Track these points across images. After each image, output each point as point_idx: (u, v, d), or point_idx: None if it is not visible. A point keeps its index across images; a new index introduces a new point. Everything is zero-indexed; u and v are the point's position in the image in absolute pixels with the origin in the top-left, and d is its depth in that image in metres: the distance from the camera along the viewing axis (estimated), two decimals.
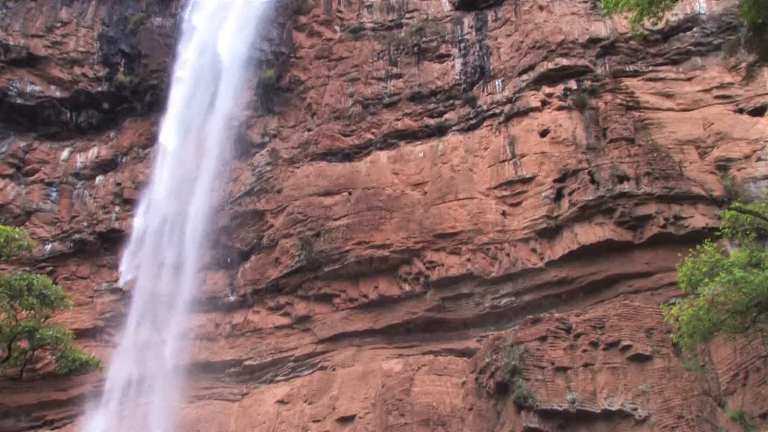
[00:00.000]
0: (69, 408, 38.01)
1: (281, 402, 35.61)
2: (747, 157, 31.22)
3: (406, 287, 35.23)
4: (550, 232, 33.11)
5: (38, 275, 18.75)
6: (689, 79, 34.41)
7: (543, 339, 28.37)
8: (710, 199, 30.84)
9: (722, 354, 25.76)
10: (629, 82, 34.85)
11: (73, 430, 36.67)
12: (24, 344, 19.15)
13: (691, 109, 33.55)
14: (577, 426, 26.27)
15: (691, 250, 22.03)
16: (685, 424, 24.42)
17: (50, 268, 39.53)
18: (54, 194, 42.68)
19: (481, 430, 28.77)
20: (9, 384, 33.00)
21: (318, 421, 34.10)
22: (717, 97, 33.42)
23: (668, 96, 34.18)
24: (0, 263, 18.56)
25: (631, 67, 35.45)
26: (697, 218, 30.64)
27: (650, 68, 35.19)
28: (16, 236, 17.59)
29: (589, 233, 31.94)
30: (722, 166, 31.47)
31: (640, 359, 26.79)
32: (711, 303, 19.63)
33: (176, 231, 39.82)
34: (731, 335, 22.09)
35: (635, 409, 25.70)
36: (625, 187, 31.57)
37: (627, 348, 27.08)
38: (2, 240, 17.27)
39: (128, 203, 41.99)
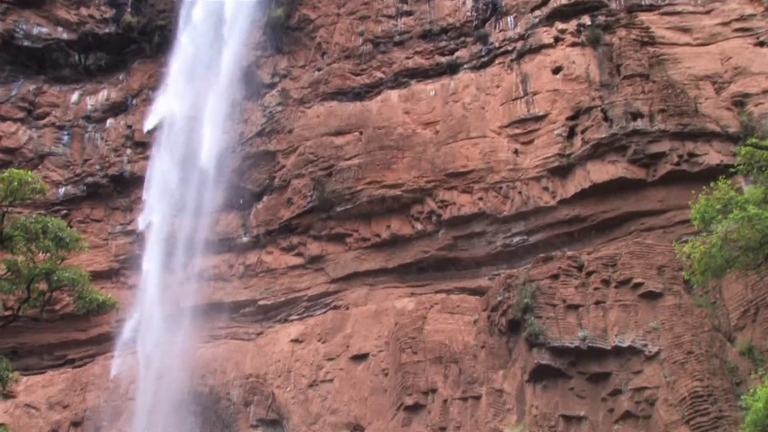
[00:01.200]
0: (89, 347, 38.87)
1: (295, 341, 36.19)
2: (765, 91, 30.67)
3: (418, 226, 35.35)
4: (562, 171, 32.95)
5: (53, 218, 18.89)
6: (708, 12, 33.59)
7: (555, 277, 28.49)
8: (725, 136, 30.50)
9: (733, 290, 25.85)
10: (644, 17, 34.08)
11: (93, 369, 37.52)
12: (42, 286, 19.44)
13: (709, 44, 32.85)
14: (588, 362, 26.60)
15: (704, 187, 21.87)
16: (695, 359, 24.66)
17: (65, 211, 39.80)
18: (66, 138, 42.72)
19: (493, 366, 29.19)
20: (31, 324, 33.73)
21: (332, 359, 34.71)
22: (736, 30, 32.65)
23: (685, 30, 33.43)
24: (15, 207, 18.64)
25: (647, 1, 34.65)
26: (712, 155, 30.37)
27: (667, 2, 34.37)
28: (30, 180, 17.67)
29: (601, 171, 31.77)
30: (739, 102, 30.99)
31: (652, 296, 26.92)
32: (724, 240, 19.58)
33: (188, 173, 39.90)
34: (743, 272, 22.12)
35: (645, 346, 25.95)
36: (639, 124, 31.25)
37: (638, 285, 27.18)
38: (16, 183, 17.35)
39: (140, 146, 42.01)
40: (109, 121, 43.09)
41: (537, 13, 36.06)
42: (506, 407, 27.86)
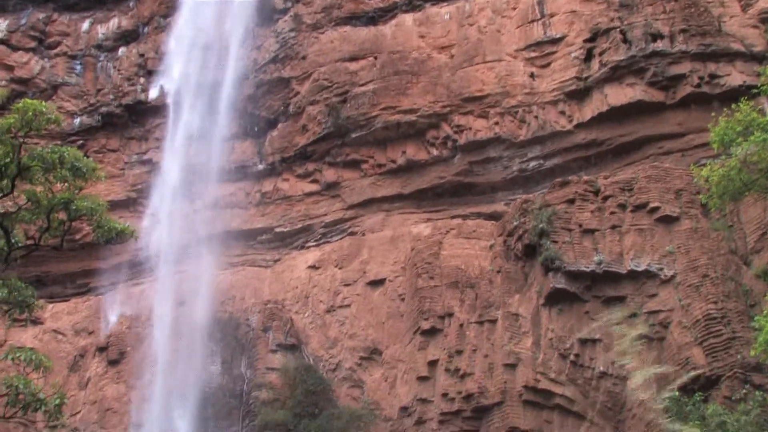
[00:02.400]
0: (110, 276, 39.54)
1: (312, 267, 36.61)
2: None
3: (434, 152, 35.20)
4: (579, 94, 32.47)
5: (69, 148, 18.93)
6: None
7: (571, 201, 28.41)
8: (749, 55, 29.76)
9: (751, 214, 25.69)
10: None
11: (114, 297, 38.29)
12: (62, 215, 19.63)
13: None
14: (603, 286, 26.76)
15: (725, 109, 21.47)
16: (710, 282, 24.74)
17: (80, 142, 39.88)
18: (78, 67, 42.48)
19: (509, 291, 29.45)
20: (53, 253, 34.22)
21: (348, 284, 35.15)
22: None
23: None
24: (31, 138, 18.67)
25: None
26: (734, 76, 29.72)
27: None
28: (44, 110, 17.63)
29: (619, 94, 31.27)
30: (766, 19, 30.12)
31: (668, 220, 26.82)
32: (743, 163, 19.32)
33: (203, 101, 39.72)
34: (761, 195, 21.90)
35: (661, 269, 26.01)
36: (659, 45, 30.54)
37: (655, 209, 27.05)
38: (30, 114, 17.34)
39: (153, 74, 41.72)
40: (121, 50, 42.74)
41: None
42: (522, 331, 28.23)
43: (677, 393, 18.27)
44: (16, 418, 28.27)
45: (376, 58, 36.90)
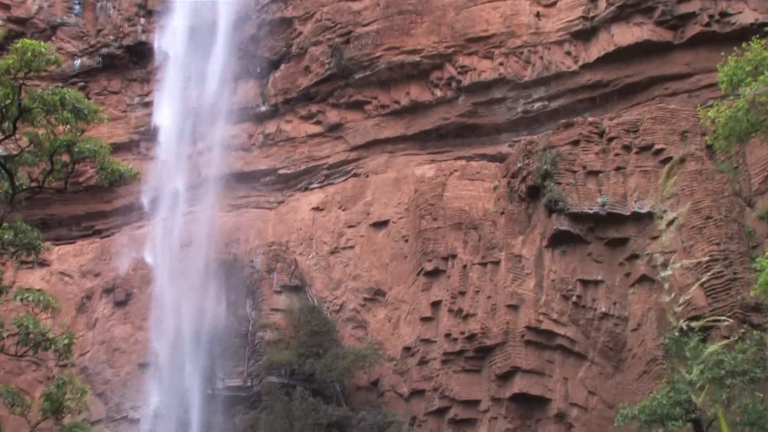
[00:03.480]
0: (114, 218, 39.74)
1: (316, 209, 36.69)
2: None
3: (438, 93, 34.88)
4: (585, 34, 31.95)
5: (70, 90, 18.76)
6: None
7: (575, 143, 28.26)
8: None
9: (757, 155, 25.55)
10: None
11: (120, 239, 38.50)
12: (65, 158, 19.58)
13: None
14: (606, 228, 26.83)
15: (735, 48, 21.10)
16: (713, 224, 24.78)
17: (81, 83, 39.50)
18: (77, 7, 41.79)
19: (513, 232, 29.54)
20: (57, 196, 34.32)
21: (352, 226, 35.28)
22: None
23: None
24: (31, 79, 18.47)
25: None
26: (746, 13, 29.16)
27: None
28: (43, 50, 17.40)
29: (626, 34, 30.77)
30: None
31: None
32: (751, 103, 19.08)
33: (205, 42, 39.19)
34: None
35: (664, 211, 25.98)
36: None
37: (660, 151, 26.91)
38: (29, 54, 17.12)
39: (153, 15, 41.07)
40: None
41: None
42: (525, 272, 28.42)
43: (677, 333, 18.45)
44: (28, 357, 28.79)
45: None
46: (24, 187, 19.10)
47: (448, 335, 29.73)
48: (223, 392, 34.47)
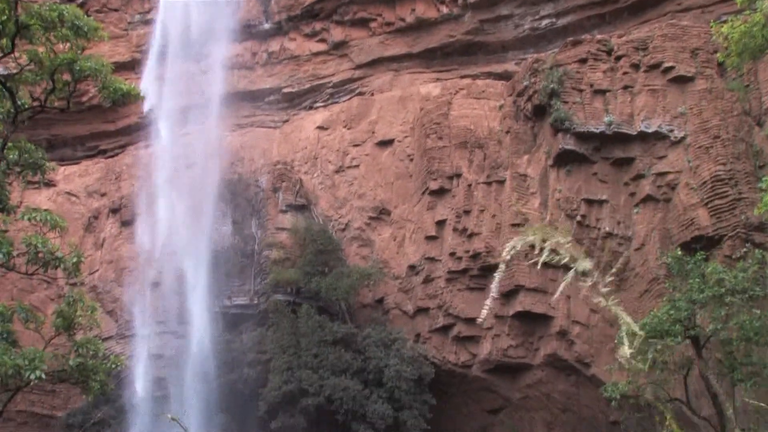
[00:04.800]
0: (119, 138, 39.62)
1: (321, 128, 36.49)
2: None
3: (444, 9, 34.11)
4: None
5: (68, 6, 18.37)
6: None
7: (583, 61, 27.74)
8: None
9: None
10: None
11: (125, 159, 38.48)
12: (66, 76, 19.34)
13: None
14: (612, 147, 26.64)
15: None
16: (720, 143, 24.57)
17: (80, 0, 38.64)
18: None
19: (518, 152, 29.40)
20: (60, 116, 34.16)
21: (357, 145, 35.14)
22: None
23: None
24: None
25: None
26: None
27: None
28: None
29: None
30: None
31: (682, 81, 26.25)
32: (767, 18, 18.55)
33: None
34: None
35: (671, 131, 25.78)
36: None
37: (669, 69, 26.42)
38: None
39: None
40: None
41: None
42: (530, 191, 28.42)
43: (680, 252, 18.58)
44: (39, 276, 29.22)
45: None
46: (26, 106, 18.94)
47: (452, 254, 30.00)
48: (230, 310, 35.11)
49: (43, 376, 17.89)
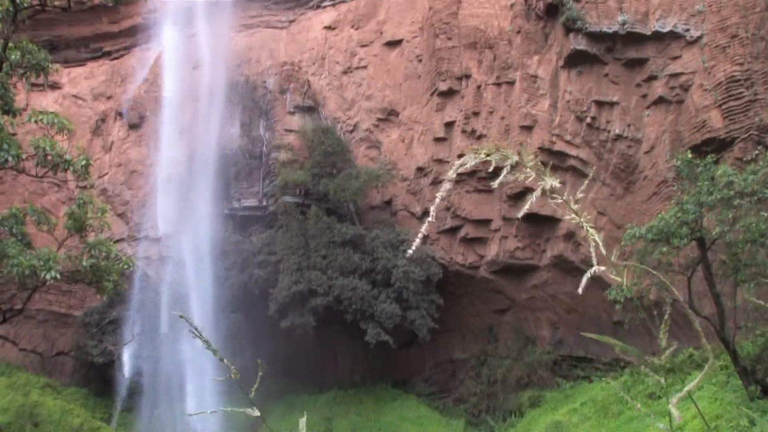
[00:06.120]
0: (123, 39, 38.90)
1: (328, 28, 35.75)
2: None
3: None
4: None
5: None
6: None
7: None
8: None
9: None
10: None
11: (129, 61, 37.96)
12: None
13: None
14: (625, 48, 26.02)
15: None
16: (738, 43, 23.91)
17: None
18: None
19: (528, 52, 28.81)
20: (62, 16, 33.57)
21: (365, 45, 34.49)
22: None
23: None
24: None
25: None
26: None
27: None
28: None
29: None
30: None
31: None
32: None
33: None
34: None
35: (687, 30, 25.07)
36: None
37: None
38: None
39: None
40: None
41: None
42: (539, 92, 28.04)
43: (690, 154, 18.41)
44: (49, 179, 29.42)
45: None
46: (25, 5, 18.55)
47: (461, 156, 29.83)
48: (239, 212, 35.39)
49: (58, 276, 18.29)
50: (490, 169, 2.49)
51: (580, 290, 2.30)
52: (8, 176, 32.63)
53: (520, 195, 27.91)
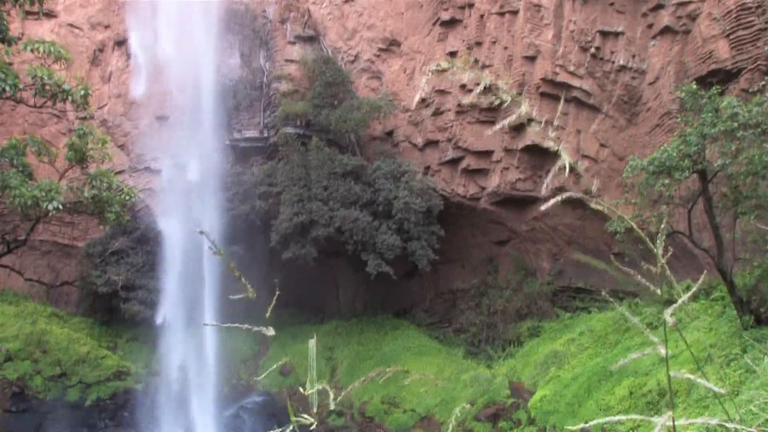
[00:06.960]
0: None
1: None
2: None
3: None
4: None
5: None
6: None
7: None
8: None
9: None
10: None
11: None
12: None
13: None
14: None
15: None
16: None
17: None
18: None
19: None
20: None
21: None
22: None
23: None
24: None
25: None
26: None
27: None
28: None
29: None
30: None
31: None
32: None
33: None
34: None
35: None
36: None
37: None
38: None
39: None
40: None
41: None
42: (543, 22, 27.53)
43: (695, 85, 18.18)
44: (48, 109, 29.22)
45: None
46: None
47: (463, 86, 29.62)
48: (240, 143, 35.25)
49: (60, 206, 18.38)
50: (494, 102, 2.47)
51: (542, 208, 2.34)
52: (6, 107, 32.37)
53: (521, 126, 27.70)
